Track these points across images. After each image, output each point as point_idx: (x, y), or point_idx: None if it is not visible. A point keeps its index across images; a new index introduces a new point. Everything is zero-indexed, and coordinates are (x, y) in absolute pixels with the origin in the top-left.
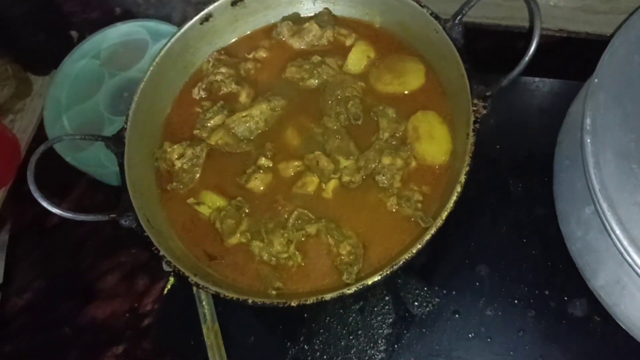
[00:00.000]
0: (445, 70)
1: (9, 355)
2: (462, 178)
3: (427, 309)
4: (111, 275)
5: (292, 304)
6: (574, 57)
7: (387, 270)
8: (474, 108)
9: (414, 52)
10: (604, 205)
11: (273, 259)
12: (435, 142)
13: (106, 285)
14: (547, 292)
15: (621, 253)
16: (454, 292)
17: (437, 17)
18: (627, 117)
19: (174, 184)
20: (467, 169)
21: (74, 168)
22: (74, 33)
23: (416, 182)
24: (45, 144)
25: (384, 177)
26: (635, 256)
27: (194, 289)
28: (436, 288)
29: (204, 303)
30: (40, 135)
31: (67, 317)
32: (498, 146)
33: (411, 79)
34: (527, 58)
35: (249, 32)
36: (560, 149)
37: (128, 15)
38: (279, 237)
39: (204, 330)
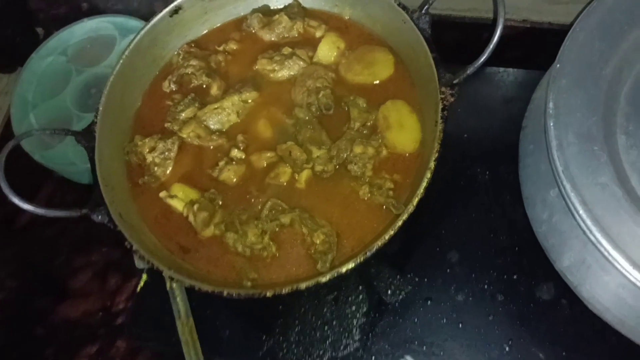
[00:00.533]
0: (413, 60)
1: None
2: (432, 164)
3: (400, 296)
4: (83, 274)
5: (267, 294)
6: (538, 47)
7: (360, 257)
8: (442, 96)
9: (383, 42)
10: (567, 187)
11: (247, 250)
12: (405, 130)
13: (78, 284)
14: (515, 277)
15: (585, 233)
16: (426, 280)
17: (404, 8)
18: (589, 100)
19: (146, 177)
20: (437, 155)
21: (42, 167)
22: (39, 30)
23: (387, 170)
24: (15, 140)
25: (355, 166)
26: (598, 235)
27: (167, 284)
28: (409, 276)
29: (177, 299)
30: (7, 134)
31: (40, 316)
32: (466, 135)
33: (381, 69)
34: (491, 46)
35: (219, 25)
36: (524, 134)
37: (95, 10)
38: (253, 228)
39: (179, 326)
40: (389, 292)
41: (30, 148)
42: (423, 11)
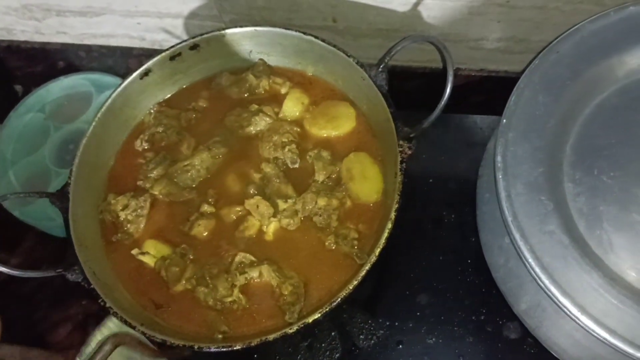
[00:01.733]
0: (373, 114)
1: None
2: (393, 215)
3: (372, 341)
4: (62, 328)
5: (237, 347)
6: (495, 93)
7: (326, 308)
8: (400, 149)
9: (345, 97)
10: (517, 236)
11: (218, 303)
12: (367, 181)
13: (58, 337)
14: (482, 317)
15: (535, 280)
16: (397, 323)
17: (362, 66)
18: (535, 151)
19: (119, 235)
20: (397, 206)
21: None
22: (18, 87)
23: (352, 220)
24: None
25: (321, 218)
26: (547, 282)
27: None
28: (380, 320)
29: None
30: None
31: None
32: (431, 180)
33: (343, 122)
34: (442, 103)
35: (188, 84)
36: (481, 183)
37: (71, 68)
38: (224, 282)
39: None
40: (362, 336)
41: (10, 205)
42: (380, 69)
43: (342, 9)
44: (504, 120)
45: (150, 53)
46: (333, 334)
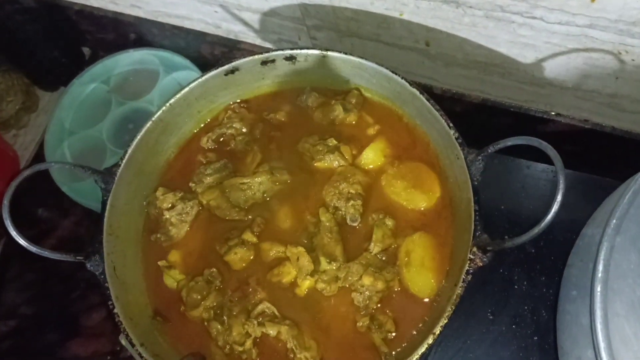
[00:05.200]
0: (456, 198)
1: None
2: (438, 330)
3: None
4: (97, 313)
5: None
6: (596, 149)
7: None
8: (471, 256)
9: (434, 163)
10: None
11: (227, 347)
12: (425, 273)
13: (91, 322)
14: None
15: None
16: None
17: (461, 144)
18: None
19: (159, 235)
20: (445, 321)
21: None
22: (86, 50)
23: (394, 309)
24: (32, 169)
25: (360, 296)
26: None
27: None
28: None
29: None
30: (41, 153)
31: (49, 350)
32: (507, 236)
33: (421, 198)
34: (541, 226)
35: (273, 92)
36: (568, 275)
37: (142, 42)
38: (239, 327)
39: None
40: None
41: (60, 179)
42: (480, 156)
43: (438, 35)
44: (614, 221)
45: (224, 42)
46: None
